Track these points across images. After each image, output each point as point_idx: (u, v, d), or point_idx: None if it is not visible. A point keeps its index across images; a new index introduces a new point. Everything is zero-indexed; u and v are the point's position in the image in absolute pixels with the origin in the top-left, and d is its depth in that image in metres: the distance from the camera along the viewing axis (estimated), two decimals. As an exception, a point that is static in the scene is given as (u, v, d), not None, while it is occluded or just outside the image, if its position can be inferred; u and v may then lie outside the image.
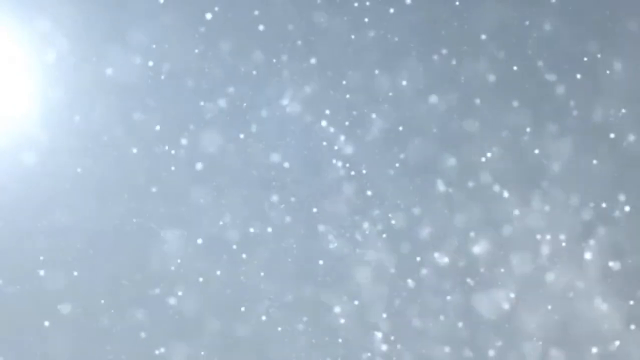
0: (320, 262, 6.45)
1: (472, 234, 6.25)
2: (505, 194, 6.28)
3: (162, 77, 6.59)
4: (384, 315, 6.30)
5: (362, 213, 6.43)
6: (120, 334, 6.43)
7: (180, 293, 6.43)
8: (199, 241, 6.50)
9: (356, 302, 6.35)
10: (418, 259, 6.25)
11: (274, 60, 6.54)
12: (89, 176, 6.56)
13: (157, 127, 6.47)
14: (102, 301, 6.41)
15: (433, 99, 6.46)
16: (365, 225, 6.42)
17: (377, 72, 6.45)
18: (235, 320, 6.40)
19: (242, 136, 6.51)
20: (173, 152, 6.49)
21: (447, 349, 6.16)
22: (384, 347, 6.20)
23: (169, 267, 6.49)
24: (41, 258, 6.50)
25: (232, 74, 6.54)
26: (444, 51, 6.56)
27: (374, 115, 6.49)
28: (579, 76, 6.46)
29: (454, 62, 6.57)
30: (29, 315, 6.47)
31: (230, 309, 6.42)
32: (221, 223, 6.50)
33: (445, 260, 6.24)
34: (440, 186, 6.36)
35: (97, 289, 6.45)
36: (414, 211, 6.39)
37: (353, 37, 6.57)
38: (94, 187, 6.59)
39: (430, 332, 6.20)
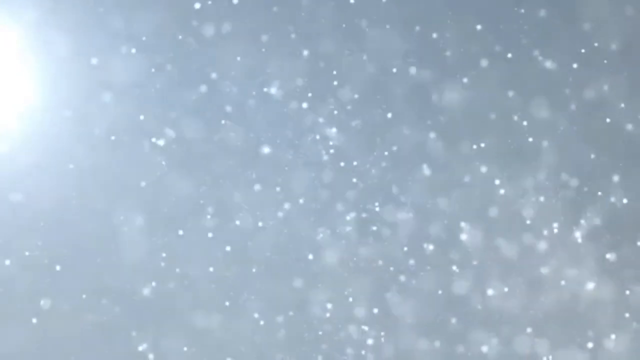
0: (310, 256, 6.31)
1: (462, 223, 6.12)
2: (497, 182, 6.15)
3: (153, 69, 6.52)
4: (371, 308, 6.14)
5: (350, 204, 6.30)
6: (103, 330, 6.32)
7: (163, 288, 6.30)
8: (187, 236, 6.37)
9: (343, 295, 6.19)
10: (405, 249, 6.11)
11: (263, 50, 6.43)
12: (80, 172, 6.47)
13: (141, 117, 6.38)
14: (84, 296, 6.29)
15: (424, 87, 6.35)
16: (354, 216, 6.28)
17: (365, 58, 6.33)
18: (220, 316, 6.28)
19: (230, 126, 6.42)
20: (160, 143, 6.41)
21: (437, 343, 6.01)
22: (370, 341, 6.05)
23: (157, 262, 6.36)
24: (27, 253, 6.37)
25: (221, 62, 6.45)
26: (438, 41, 6.44)
27: (363, 105, 6.38)
28: (575, 65, 6.36)
29: (448, 53, 6.45)
30: (13, 310, 6.35)
31: (214, 304, 6.31)
32: (208, 217, 6.40)
33: (435, 251, 6.08)
34: (430, 174, 6.23)
35: (80, 284, 6.34)
36: (404, 202, 6.28)
37: (344, 25, 6.48)
38: (83, 182, 6.50)
39: (418, 325, 6.05)
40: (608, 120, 6.20)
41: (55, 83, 6.50)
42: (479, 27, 6.48)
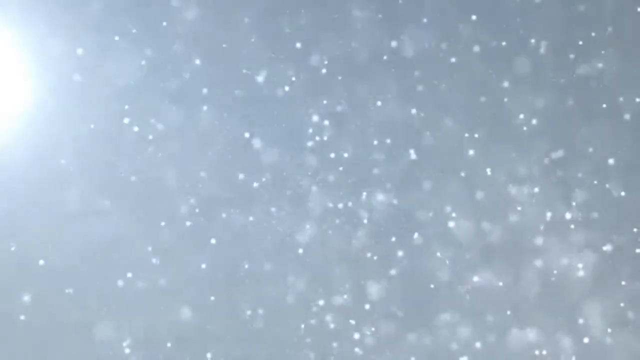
0: (300, 250, 6.21)
1: (453, 214, 5.99)
2: (489, 170, 6.08)
3: (143, 62, 6.44)
4: (359, 301, 6.03)
5: (338, 195, 6.19)
6: (86, 326, 6.24)
7: (149, 283, 6.22)
8: (173, 230, 6.28)
9: (331, 288, 6.11)
10: (393, 239, 5.99)
11: (252, 40, 6.35)
12: (72, 167, 6.39)
13: (126, 107, 6.31)
14: (67, 291, 6.21)
15: (415, 75, 6.29)
16: (346, 209, 6.16)
17: (355, 45, 6.23)
18: (206, 312, 6.20)
19: (222, 117, 6.33)
20: (150, 137, 6.34)
21: (426, 335, 5.87)
22: (357, 336, 5.91)
23: (144, 256, 6.27)
24: (12, 249, 6.30)
25: (206, 50, 6.37)
26: (433, 32, 6.34)
27: (352, 94, 6.29)
28: (572, 56, 6.31)
29: (443, 46, 6.36)
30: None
31: (199, 299, 6.21)
32: (197, 211, 6.31)
33: (424, 240, 6.00)
34: (418, 162, 6.14)
35: (65, 278, 6.25)
36: (392, 192, 6.17)
37: (336, 16, 6.41)
38: (72, 177, 6.42)
39: (406, 317, 5.93)
40: (604, 105, 6.09)
41: (44, 79, 6.45)
42: (474, 17, 6.38)
